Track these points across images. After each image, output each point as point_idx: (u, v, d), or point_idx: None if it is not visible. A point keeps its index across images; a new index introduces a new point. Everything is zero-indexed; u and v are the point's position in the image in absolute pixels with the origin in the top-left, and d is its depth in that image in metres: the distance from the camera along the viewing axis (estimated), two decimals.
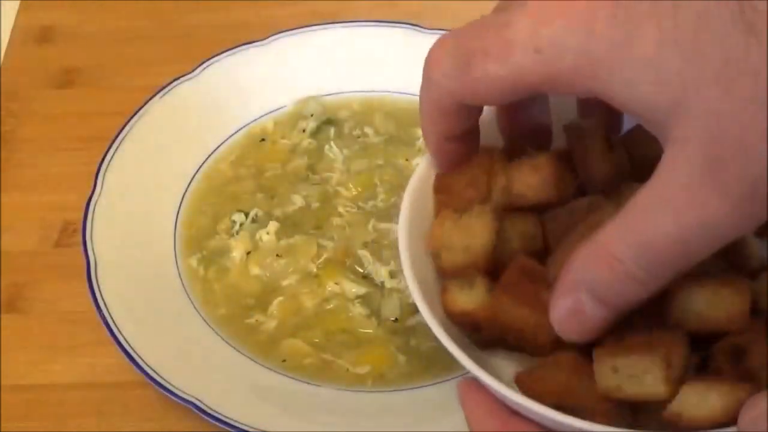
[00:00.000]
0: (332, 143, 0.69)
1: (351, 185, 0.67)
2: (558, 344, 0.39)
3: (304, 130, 0.70)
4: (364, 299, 0.60)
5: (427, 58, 0.42)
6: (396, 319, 0.60)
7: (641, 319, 0.39)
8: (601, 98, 0.36)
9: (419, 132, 0.70)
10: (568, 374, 0.39)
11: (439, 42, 0.41)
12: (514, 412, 0.40)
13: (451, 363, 0.57)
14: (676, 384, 0.37)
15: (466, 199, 0.44)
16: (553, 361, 0.40)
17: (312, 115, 0.71)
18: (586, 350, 0.40)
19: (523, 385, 0.40)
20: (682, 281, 0.38)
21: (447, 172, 0.46)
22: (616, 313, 0.37)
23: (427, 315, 0.42)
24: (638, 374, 0.37)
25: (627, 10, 0.34)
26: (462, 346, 0.41)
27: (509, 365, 0.44)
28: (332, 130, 0.71)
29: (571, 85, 0.36)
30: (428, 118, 0.44)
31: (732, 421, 0.36)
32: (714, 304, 0.38)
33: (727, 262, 0.41)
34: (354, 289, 0.61)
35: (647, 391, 0.37)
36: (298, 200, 0.66)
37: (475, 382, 0.41)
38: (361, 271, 0.62)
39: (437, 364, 0.57)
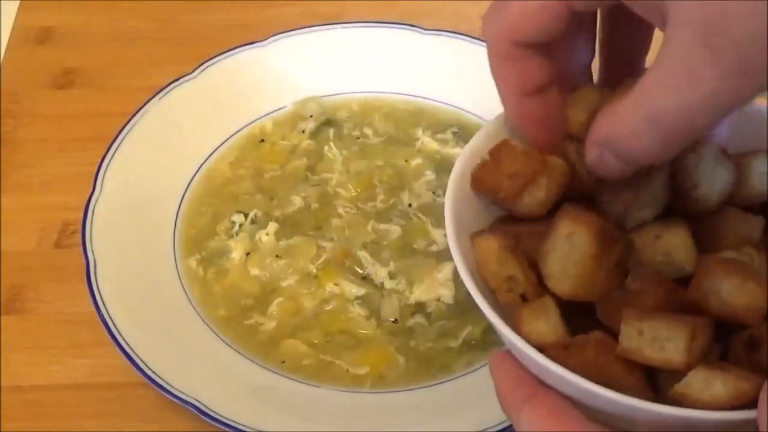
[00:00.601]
0: (332, 144, 0.69)
1: (350, 186, 0.67)
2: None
3: (303, 131, 0.70)
4: (363, 300, 0.60)
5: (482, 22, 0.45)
6: (395, 320, 0.60)
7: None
8: None
9: (418, 132, 0.70)
10: (594, 350, 0.40)
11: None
12: (542, 384, 0.41)
13: (450, 364, 0.57)
14: (696, 360, 0.38)
15: (505, 188, 0.45)
16: (582, 339, 0.41)
17: (311, 116, 0.71)
18: (614, 331, 0.41)
19: (550, 356, 0.41)
20: (714, 264, 0.40)
21: (482, 169, 0.46)
22: (636, 167, 0.42)
23: (464, 274, 0.43)
24: (661, 339, 0.38)
25: None
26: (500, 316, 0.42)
27: None
28: (331, 131, 0.71)
29: None
30: (499, 75, 0.45)
31: (735, 409, 0.37)
32: (737, 293, 0.39)
33: None
34: (353, 289, 0.61)
35: (667, 357, 0.38)
36: (297, 201, 0.66)
37: (507, 353, 0.42)
38: (361, 272, 0.62)
39: (436, 364, 0.57)
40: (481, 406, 0.54)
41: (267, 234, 0.63)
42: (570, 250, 0.42)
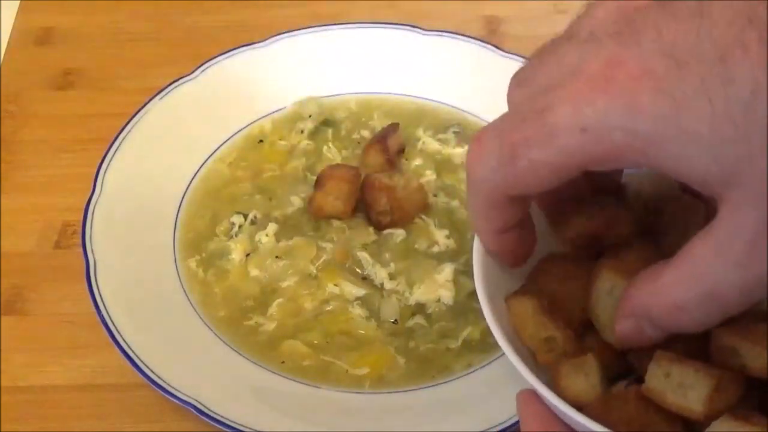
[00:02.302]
0: (330, 144, 0.69)
1: None
2: None
3: (302, 131, 0.70)
4: (363, 301, 0.60)
5: (468, 157, 0.41)
6: (395, 320, 0.60)
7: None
8: (649, 168, 0.37)
9: (419, 132, 0.70)
10: (635, 405, 0.40)
11: (477, 139, 0.41)
12: (570, 429, 0.40)
13: (450, 365, 0.57)
14: (716, 413, 0.38)
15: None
16: (622, 393, 0.41)
17: (310, 116, 0.71)
18: (640, 373, 0.41)
19: (591, 413, 0.40)
20: (728, 329, 0.39)
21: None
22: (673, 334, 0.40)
23: (498, 334, 0.43)
24: (686, 386, 0.38)
25: (672, 83, 0.35)
26: (530, 367, 0.42)
27: None
28: (330, 131, 0.71)
29: (619, 162, 0.37)
30: (481, 216, 0.43)
31: None
32: (755, 356, 0.39)
33: None
34: (353, 290, 0.61)
35: (687, 405, 0.38)
36: (296, 201, 0.66)
37: (534, 393, 0.41)
38: (361, 272, 0.62)
39: (436, 365, 0.57)
40: (480, 407, 0.54)
41: (267, 235, 0.63)
42: (615, 303, 0.41)
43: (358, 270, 0.62)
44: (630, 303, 0.40)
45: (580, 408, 0.41)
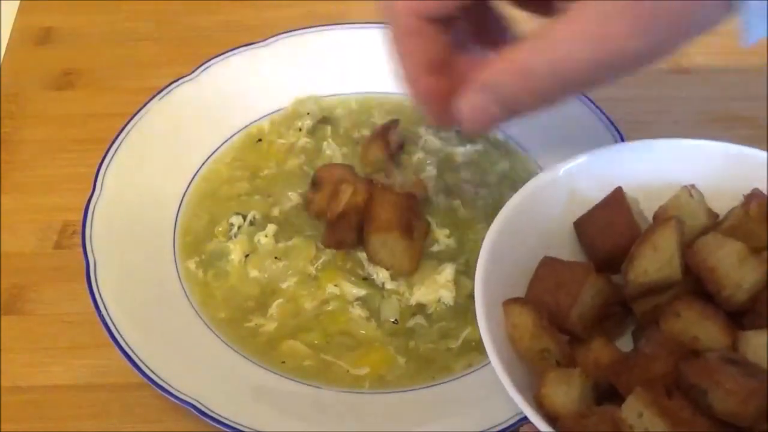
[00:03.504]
0: (330, 140, 0.69)
1: None
2: None
3: (300, 129, 0.70)
4: (363, 301, 0.60)
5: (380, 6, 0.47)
6: (395, 320, 0.60)
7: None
8: None
9: (421, 131, 0.70)
10: (609, 427, 0.41)
11: None
12: None
13: (450, 365, 0.57)
14: None
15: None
16: (600, 411, 0.42)
17: (308, 114, 0.71)
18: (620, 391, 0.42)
19: (565, 424, 0.42)
20: (697, 369, 0.40)
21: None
22: (512, 116, 0.45)
23: (499, 369, 0.44)
24: None
25: None
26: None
27: None
28: (329, 129, 0.70)
29: None
30: (404, 52, 0.48)
31: None
32: (720, 398, 0.40)
33: None
34: (354, 290, 0.60)
35: None
36: (294, 197, 0.66)
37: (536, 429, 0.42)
38: (361, 272, 0.62)
39: (436, 365, 0.57)
40: (480, 407, 0.54)
41: (266, 236, 0.63)
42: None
43: (358, 270, 0.62)
44: (481, 76, 0.44)
45: (556, 419, 0.42)
